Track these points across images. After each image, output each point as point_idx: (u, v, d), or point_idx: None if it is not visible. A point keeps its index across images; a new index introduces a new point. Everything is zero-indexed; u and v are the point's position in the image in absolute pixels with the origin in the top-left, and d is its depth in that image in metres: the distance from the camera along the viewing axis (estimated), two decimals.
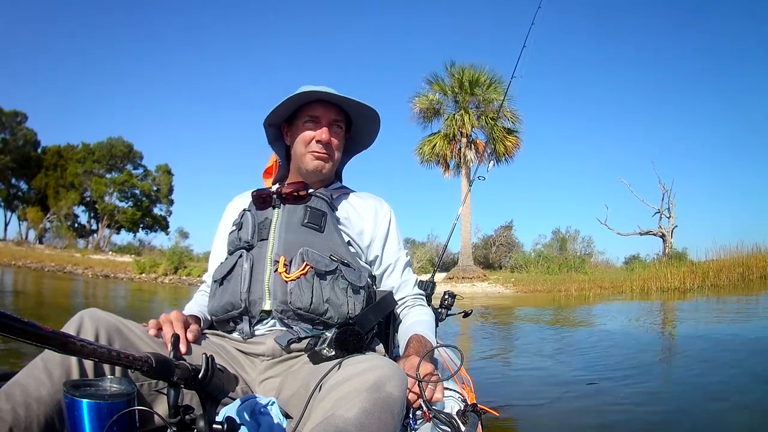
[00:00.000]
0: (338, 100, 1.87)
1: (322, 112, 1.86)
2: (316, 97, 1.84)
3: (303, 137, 1.86)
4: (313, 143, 1.85)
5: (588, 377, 5.15)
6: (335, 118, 1.89)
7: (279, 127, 1.97)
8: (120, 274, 28.01)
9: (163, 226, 56.95)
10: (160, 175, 54.89)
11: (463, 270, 26.93)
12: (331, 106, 1.88)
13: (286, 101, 1.81)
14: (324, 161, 1.88)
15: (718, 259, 19.86)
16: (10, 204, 53.82)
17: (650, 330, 9.06)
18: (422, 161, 28.01)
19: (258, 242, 1.75)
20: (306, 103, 1.86)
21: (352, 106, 1.89)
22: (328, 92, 1.81)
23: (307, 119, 1.86)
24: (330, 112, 1.87)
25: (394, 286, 1.93)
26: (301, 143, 1.87)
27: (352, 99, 1.84)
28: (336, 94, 1.83)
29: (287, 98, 1.80)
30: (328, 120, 1.87)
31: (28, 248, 40.39)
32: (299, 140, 1.87)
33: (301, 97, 1.82)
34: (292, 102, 1.84)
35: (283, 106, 1.84)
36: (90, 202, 53.35)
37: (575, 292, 19.87)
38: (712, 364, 5.44)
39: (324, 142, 1.85)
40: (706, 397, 4.31)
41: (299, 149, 1.88)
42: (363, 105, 1.87)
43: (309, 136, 1.85)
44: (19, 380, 1.20)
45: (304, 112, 1.87)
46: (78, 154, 52.12)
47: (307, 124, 1.86)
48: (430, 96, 27.37)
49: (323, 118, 1.86)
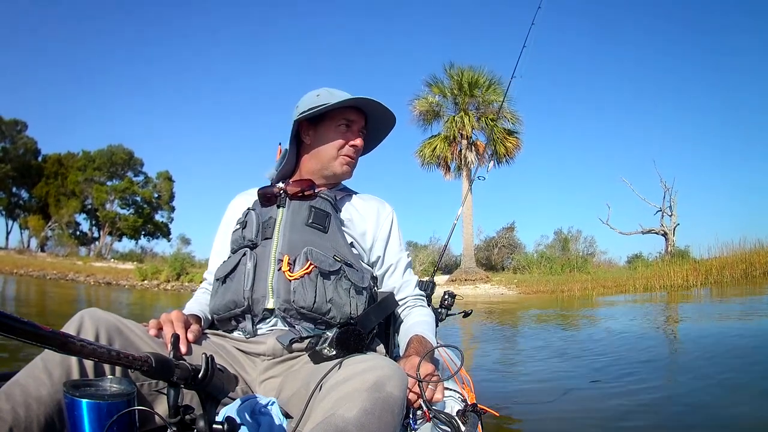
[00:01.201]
0: (380, 111, 1.91)
1: (357, 118, 1.89)
2: (362, 104, 1.88)
3: (337, 141, 1.88)
4: (347, 148, 1.88)
5: (590, 376, 5.13)
6: (363, 125, 1.92)
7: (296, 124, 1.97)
8: (122, 281, 27.99)
9: (165, 232, 57.03)
10: (161, 181, 54.93)
11: (465, 272, 26.93)
12: (361, 114, 1.91)
13: (336, 103, 1.81)
14: (352, 167, 1.93)
15: (720, 257, 19.77)
16: (12, 212, 53.92)
17: (653, 328, 9.02)
18: (423, 164, 28.07)
19: (262, 241, 1.76)
20: (342, 108, 1.87)
21: (377, 117, 1.93)
22: (379, 103, 1.86)
23: (342, 123, 1.88)
24: (361, 120, 1.91)
25: (395, 287, 1.93)
26: (334, 147, 1.88)
27: (390, 111, 1.89)
28: (379, 102, 1.86)
29: (344, 100, 1.81)
30: (360, 126, 1.91)
31: (30, 256, 40.38)
32: (332, 144, 1.88)
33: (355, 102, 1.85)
34: (338, 104, 1.84)
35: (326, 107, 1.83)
36: (91, 209, 53.38)
37: (578, 292, 19.82)
38: (717, 363, 5.40)
39: (358, 148, 1.89)
40: (709, 395, 4.29)
41: (329, 152, 1.88)
42: (390, 117, 1.93)
43: (343, 141, 1.88)
44: (19, 380, 1.20)
45: (339, 115, 1.88)
46: (78, 162, 52.16)
47: (341, 128, 1.88)
48: (429, 98, 27.44)
49: (357, 125, 1.90)
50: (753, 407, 3.92)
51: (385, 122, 1.98)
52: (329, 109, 1.84)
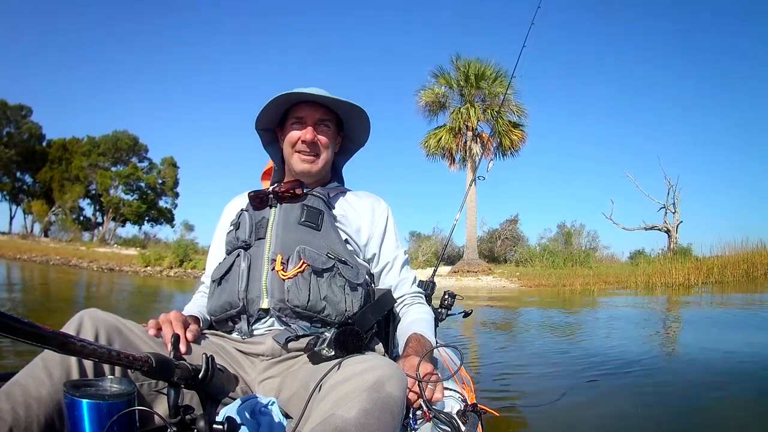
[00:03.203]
0: (319, 100, 1.87)
1: (307, 112, 1.88)
2: (296, 98, 1.86)
3: (290, 138, 1.89)
4: (299, 144, 1.88)
5: (589, 375, 5.12)
6: (321, 118, 1.90)
7: (274, 131, 2.00)
8: (125, 267, 28.03)
9: (169, 218, 57.24)
10: (166, 167, 55.06)
11: (468, 263, 26.94)
12: (317, 107, 1.89)
13: (268, 105, 1.84)
14: (310, 162, 1.90)
15: (722, 255, 19.75)
16: (15, 197, 54.14)
17: (654, 327, 9.01)
18: (428, 154, 28.10)
19: (255, 241, 1.77)
20: (293, 106, 1.88)
21: (338, 105, 1.90)
22: (304, 92, 1.82)
23: (293, 121, 1.89)
24: (316, 113, 1.89)
25: (392, 284, 1.93)
26: (288, 144, 1.90)
27: (330, 97, 1.86)
28: (312, 93, 1.83)
29: (268, 102, 1.83)
30: (314, 120, 1.88)
31: (33, 241, 40.55)
32: (286, 141, 1.90)
33: (288, 99, 1.85)
34: (276, 106, 1.86)
35: (268, 111, 1.87)
36: (95, 195, 53.59)
37: (579, 287, 19.82)
38: (715, 365, 5.41)
39: (309, 142, 1.86)
40: (709, 395, 4.30)
41: (287, 150, 1.91)
42: (347, 103, 1.88)
43: (295, 137, 1.87)
44: (19, 380, 1.20)
45: (291, 114, 1.89)
46: (83, 147, 52.33)
47: (293, 126, 1.88)
48: (435, 89, 27.39)
49: (309, 119, 1.88)
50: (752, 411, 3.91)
51: (353, 115, 1.95)
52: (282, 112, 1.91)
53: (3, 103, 48.68)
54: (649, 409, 3.92)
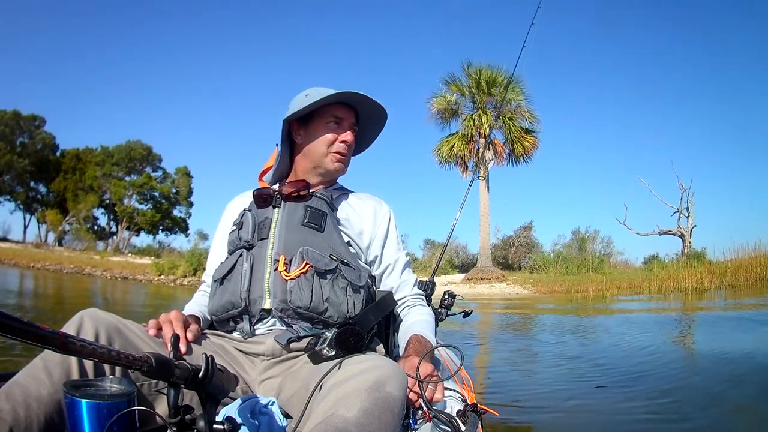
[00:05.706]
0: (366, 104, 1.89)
1: (346, 114, 1.88)
2: (348, 98, 1.86)
3: (326, 138, 1.86)
4: (337, 144, 1.87)
5: (596, 380, 5.08)
6: (353, 121, 1.91)
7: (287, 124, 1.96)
8: (139, 275, 28.08)
9: (183, 228, 57.32)
10: (179, 177, 55.23)
11: (481, 270, 26.89)
12: (351, 110, 1.90)
13: (321, 100, 1.81)
14: (344, 163, 1.92)
15: (735, 259, 19.56)
16: (29, 207, 54.43)
17: (665, 332, 8.89)
18: (441, 162, 28.11)
19: (258, 241, 1.76)
20: (330, 104, 1.87)
21: (368, 112, 1.92)
22: (366, 96, 1.84)
23: (330, 120, 1.87)
24: (352, 115, 1.90)
25: (393, 287, 1.93)
26: (324, 143, 1.87)
27: (380, 105, 1.88)
28: (373, 98, 1.85)
29: (326, 96, 1.80)
30: (350, 122, 1.90)
31: (47, 250, 40.69)
32: (321, 140, 1.87)
33: (339, 97, 1.84)
34: (323, 101, 1.83)
35: (310, 105, 1.82)
36: (109, 204, 53.70)
37: (592, 293, 19.71)
38: (725, 369, 5.35)
39: (349, 144, 1.88)
40: (715, 403, 4.23)
41: (320, 149, 1.87)
42: (381, 112, 1.92)
43: (333, 138, 1.86)
44: (19, 380, 1.20)
45: (328, 112, 1.87)
46: (97, 157, 52.56)
47: (330, 125, 1.87)
48: (447, 96, 27.41)
49: (347, 121, 1.88)
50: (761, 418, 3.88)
51: (376, 118, 1.97)
52: (317, 107, 1.85)
53: (16, 113, 48.99)
54: (659, 417, 3.88)
